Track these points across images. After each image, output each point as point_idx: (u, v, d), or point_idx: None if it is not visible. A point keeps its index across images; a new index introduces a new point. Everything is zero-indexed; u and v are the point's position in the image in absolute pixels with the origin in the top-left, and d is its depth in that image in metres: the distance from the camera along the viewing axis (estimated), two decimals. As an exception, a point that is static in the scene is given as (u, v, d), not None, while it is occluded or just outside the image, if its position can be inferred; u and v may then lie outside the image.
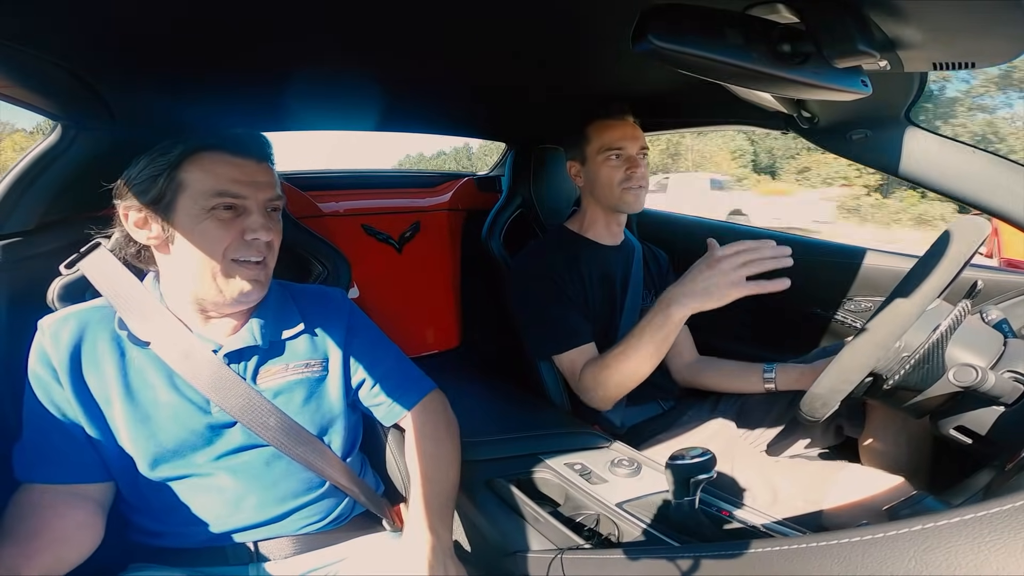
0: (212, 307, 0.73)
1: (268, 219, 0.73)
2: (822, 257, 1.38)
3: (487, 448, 0.90)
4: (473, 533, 0.88)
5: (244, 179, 0.70)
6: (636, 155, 1.16)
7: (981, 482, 0.71)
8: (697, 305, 0.84)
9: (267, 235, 0.71)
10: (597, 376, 1.01)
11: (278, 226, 0.76)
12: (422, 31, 0.74)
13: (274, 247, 0.75)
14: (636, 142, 1.17)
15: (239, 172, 0.70)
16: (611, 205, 1.20)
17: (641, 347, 0.92)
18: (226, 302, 0.72)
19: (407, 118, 1.40)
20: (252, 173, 0.71)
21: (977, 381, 0.68)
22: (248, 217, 0.71)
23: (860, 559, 0.45)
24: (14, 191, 0.84)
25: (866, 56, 0.50)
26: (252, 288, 0.72)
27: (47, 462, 0.67)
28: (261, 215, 0.72)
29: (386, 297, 1.53)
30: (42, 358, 0.68)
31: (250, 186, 0.71)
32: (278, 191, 0.75)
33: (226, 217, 0.69)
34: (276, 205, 0.75)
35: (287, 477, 0.75)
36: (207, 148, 0.70)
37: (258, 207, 0.71)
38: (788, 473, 0.92)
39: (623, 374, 0.97)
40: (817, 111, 0.92)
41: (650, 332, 0.91)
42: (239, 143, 0.72)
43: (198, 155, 0.69)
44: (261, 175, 0.72)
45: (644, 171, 1.18)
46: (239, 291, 0.71)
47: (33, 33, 0.63)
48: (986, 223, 0.75)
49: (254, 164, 0.72)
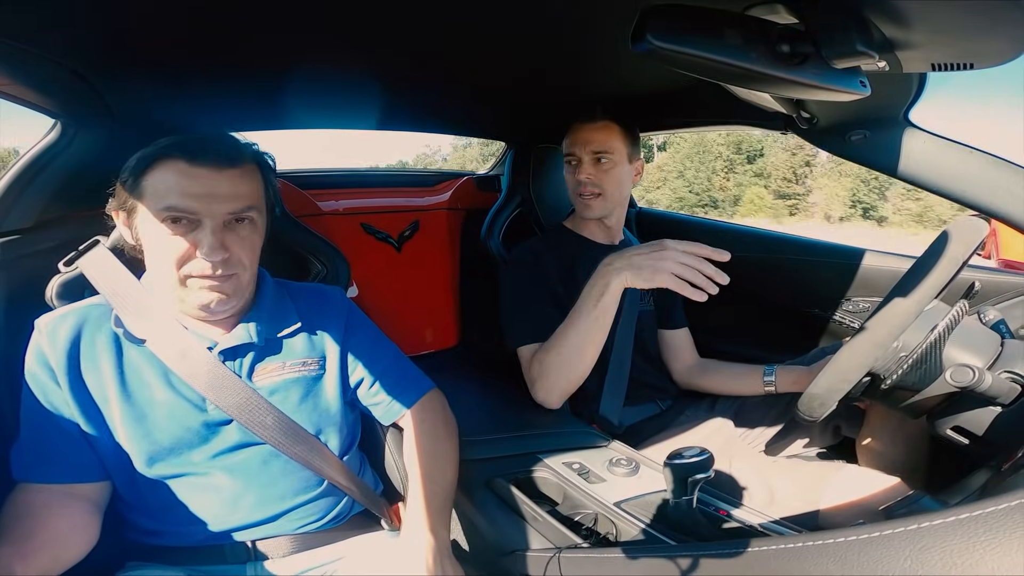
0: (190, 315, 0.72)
1: (226, 233, 0.67)
2: (821, 258, 1.38)
3: (485, 447, 0.90)
4: (471, 532, 0.88)
5: (198, 191, 0.65)
6: (587, 160, 1.15)
7: (977, 482, 0.71)
8: (629, 277, 0.87)
9: (217, 254, 0.65)
10: (542, 362, 1.00)
11: (249, 238, 0.71)
12: (422, 30, 0.74)
13: (241, 261, 0.70)
14: (587, 146, 1.14)
15: (193, 184, 0.65)
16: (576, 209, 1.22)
17: (580, 319, 0.94)
18: (191, 313, 0.71)
19: (406, 117, 1.40)
20: (210, 184, 0.65)
21: (974, 381, 0.68)
22: (200, 232, 0.65)
23: (856, 558, 0.45)
24: (13, 189, 0.84)
25: (865, 57, 0.50)
26: (215, 301, 0.69)
27: (44, 462, 0.67)
28: (213, 232, 0.65)
29: (385, 296, 1.53)
30: (39, 358, 0.68)
31: (204, 199, 0.65)
32: (247, 202, 0.69)
33: (178, 230, 0.65)
34: (243, 216, 0.69)
35: (284, 476, 0.75)
36: (166, 154, 0.65)
37: (214, 221, 0.66)
38: (786, 473, 0.92)
39: (564, 354, 0.96)
40: (816, 111, 0.92)
41: (589, 301, 0.93)
42: (197, 150, 0.66)
43: (159, 161, 0.66)
44: (221, 186, 0.66)
45: (595, 177, 1.15)
46: (199, 304, 0.68)
47: (34, 31, 0.63)
48: (984, 224, 0.75)
49: (213, 174, 0.66)
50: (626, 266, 0.88)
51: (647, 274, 0.84)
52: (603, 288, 0.91)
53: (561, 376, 0.99)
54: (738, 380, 1.18)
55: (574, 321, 0.95)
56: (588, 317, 0.93)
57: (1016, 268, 4.03)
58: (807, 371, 1.08)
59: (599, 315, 0.92)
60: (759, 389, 1.13)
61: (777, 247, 1.47)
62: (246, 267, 0.71)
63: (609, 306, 0.92)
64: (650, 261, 0.84)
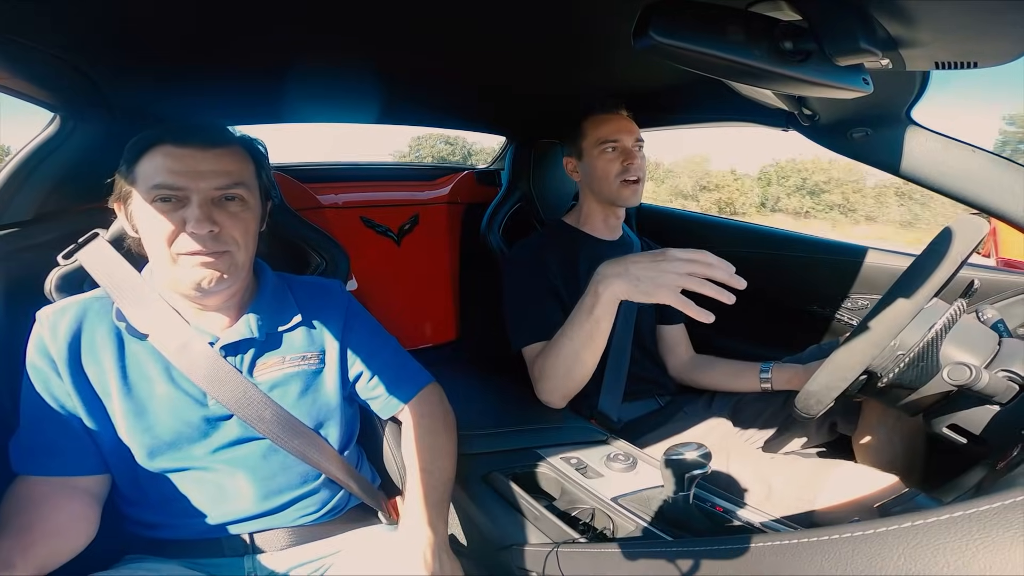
0: (192, 298, 0.72)
1: (217, 210, 0.69)
2: (820, 255, 1.38)
3: (484, 441, 0.90)
4: (469, 526, 0.89)
5: (182, 169, 0.67)
6: (632, 147, 1.17)
7: (972, 481, 0.71)
8: (624, 290, 0.80)
9: (203, 227, 0.66)
10: (544, 364, 1.00)
11: (240, 215, 0.71)
12: (423, 25, 0.73)
13: (233, 237, 0.70)
14: (631, 134, 1.17)
15: (178, 162, 0.67)
16: (608, 199, 1.20)
17: (575, 328, 0.91)
18: (188, 294, 0.71)
19: (407, 111, 1.40)
20: (194, 162, 0.68)
21: (971, 380, 0.68)
22: (188, 209, 0.67)
23: (850, 555, 0.45)
24: (12, 182, 0.84)
25: (868, 54, 0.49)
26: (208, 279, 0.69)
27: (43, 454, 0.67)
28: (202, 206, 0.67)
29: (384, 289, 1.53)
30: (40, 349, 0.68)
31: (189, 176, 0.67)
32: (233, 179, 0.70)
33: (165, 208, 0.67)
34: (233, 193, 0.70)
35: (284, 470, 0.76)
36: (155, 140, 0.68)
37: (201, 197, 0.67)
38: (782, 470, 0.92)
39: (563, 359, 0.95)
40: (818, 108, 0.92)
41: (583, 312, 0.89)
42: (182, 132, 0.69)
43: (149, 148, 0.68)
44: (206, 163, 0.68)
45: (641, 163, 1.18)
46: (192, 282, 0.69)
47: (33, 25, 0.63)
48: (984, 223, 0.75)
49: (198, 152, 0.68)
50: (621, 277, 0.81)
51: (646, 287, 0.77)
52: (594, 299, 0.86)
53: (562, 379, 0.98)
54: (733, 377, 1.18)
55: (570, 329, 0.93)
56: (582, 328, 0.90)
57: (1016, 267, 4.03)
58: (803, 369, 1.08)
59: (592, 327, 0.88)
60: (755, 386, 1.13)
61: (778, 244, 1.47)
62: (240, 245, 0.71)
63: (603, 317, 0.87)
64: (650, 273, 0.77)
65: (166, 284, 0.72)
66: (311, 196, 1.48)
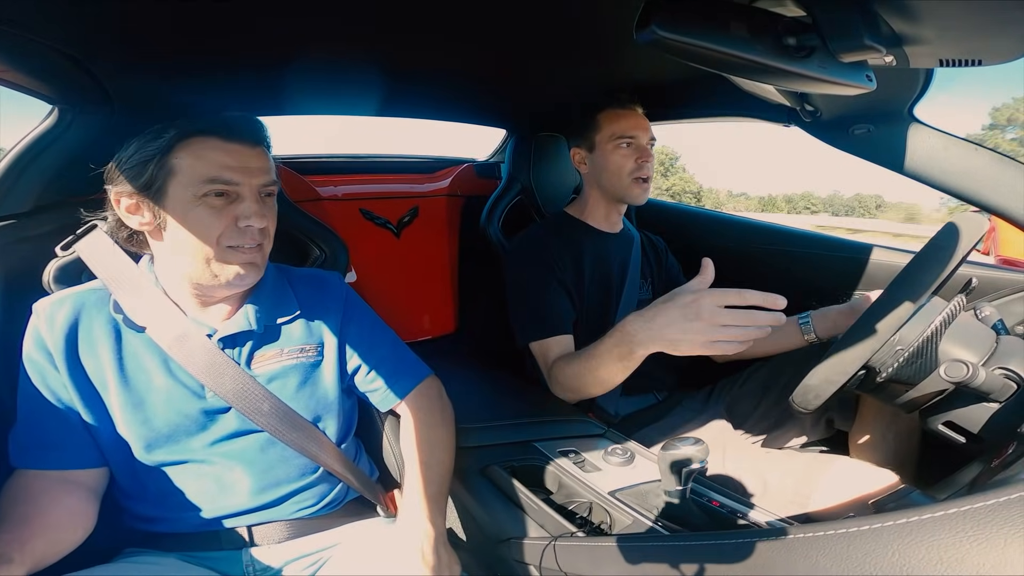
0: (207, 291, 0.73)
1: (262, 205, 0.72)
2: (821, 251, 1.38)
3: (482, 435, 0.91)
4: (467, 519, 0.89)
5: (236, 165, 0.69)
6: (646, 145, 1.17)
7: (967, 478, 0.72)
8: (662, 348, 0.77)
9: (260, 222, 0.70)
10: (565, 372, 0.99)
11: (272, 211, 0.75)
12: (425, 16, 0.73)
13: (269, 232, 0.74)
14: (646, 132, 1.17)
15: (231, 158, 0.69)
16: (617, 195, 1.19)
17: (604, 368, 0.89)
18: (221, 286, 0.72)
19: (408, 103, 1.39)
20: (245, 158, 0.70)
21: (968, 377, 0.68)
22: (241, 203, 0.70)
23: (845, 551, 0.46)
24: (10, 173, 0.83)
25: (872, 51, 0.49)
26: (247, 272, 0.72)
27: (41, 448, 0.67)
28: (254, 201, 0.71)
29: (383, 282, 1.53)
30: (37, 342, 0.68)
31: (242, 172, 0.69)
32: (272, 176, 0.74)
33: (218, 204, 0.68)
34: (270, 190, 0.74)
35: (282, 463, 0.76)
36: (198, 133, 0.68)
37: (251, 193, 0.70)
38: (778, 465, 0.93)
39: (587, 383, 0.95)
40: (820, 104, 0.91)
41: (614, 360, 0.86)
42: (231, 128, 0.70)
43: (189, 140, 0.68)
44: (254, 160, 0.71)
45: (652, 163, 1.18)
46: (234, 275, 0.71)
47: (31, 17, 0.62)
48: (984, 220, 0.76)
49: (247, 149, 0.70)
50: (656, 342, 0.77)
51: (686, 349, 0.73)
52: (628, 359, 0.83)
53: (579, 392, 0.99)
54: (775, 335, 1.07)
55: (595, 362, 0.89)
56: (608, 370, 0.88)
57: (1014, 265, 4.04)
58: (844, 309, 1.07)
59: (620, 373, 0.87)
60: (799, 340, 1.12)
61: (779, 240, 1.47)
62: (270, 240, 0.76)
63: (632, 367, 0.85)
64: (688, 336, 0.72)
65: (189, 277, 0.71)
66: (310, 188, 1.47)
